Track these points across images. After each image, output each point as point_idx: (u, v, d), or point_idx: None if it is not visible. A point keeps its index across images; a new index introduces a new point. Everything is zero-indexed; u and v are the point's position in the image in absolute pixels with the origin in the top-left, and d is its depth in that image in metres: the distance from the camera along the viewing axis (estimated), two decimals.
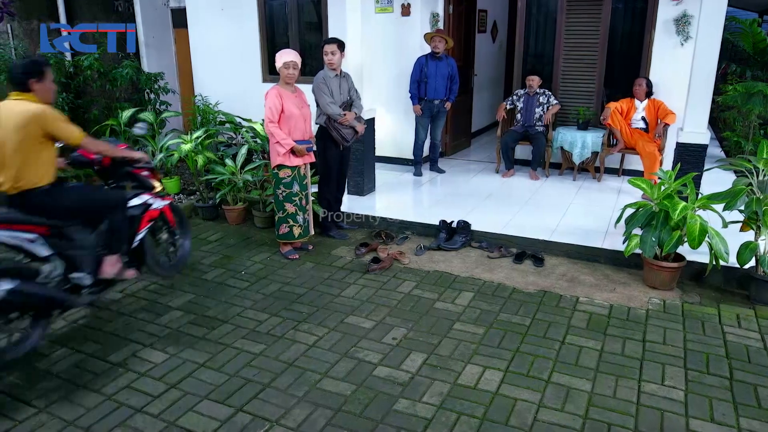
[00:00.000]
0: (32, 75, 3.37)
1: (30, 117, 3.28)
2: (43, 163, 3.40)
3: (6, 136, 3.30)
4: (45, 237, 3.41)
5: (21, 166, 3.33)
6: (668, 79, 6.49)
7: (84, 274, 3.59)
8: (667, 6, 6.33)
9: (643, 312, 4.02)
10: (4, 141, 3.31)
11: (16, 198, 3.39)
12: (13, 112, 3.31)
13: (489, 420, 2.90)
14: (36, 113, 3.29)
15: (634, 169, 7.00)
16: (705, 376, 3.28)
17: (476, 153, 8.67)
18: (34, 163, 3.36)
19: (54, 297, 3.43)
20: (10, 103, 3.37)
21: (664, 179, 4.37)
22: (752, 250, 4.02)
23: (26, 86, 3.37)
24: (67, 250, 3.53)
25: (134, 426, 2.89)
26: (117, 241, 3.78)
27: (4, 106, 3.37)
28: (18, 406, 3.05)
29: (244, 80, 7.90)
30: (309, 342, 3.65)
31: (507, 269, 4.73)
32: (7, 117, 3.31)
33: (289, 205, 4.87)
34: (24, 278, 3.26)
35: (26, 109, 3.29)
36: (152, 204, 4.10)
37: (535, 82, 6.99)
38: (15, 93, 3.40)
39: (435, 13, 7.41)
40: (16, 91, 3.39)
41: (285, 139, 4.64)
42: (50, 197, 3.46)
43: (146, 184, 4.19)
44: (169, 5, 8.97)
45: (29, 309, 3.37)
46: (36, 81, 3.38)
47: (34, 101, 3.37)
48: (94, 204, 3.74)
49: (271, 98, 4.59)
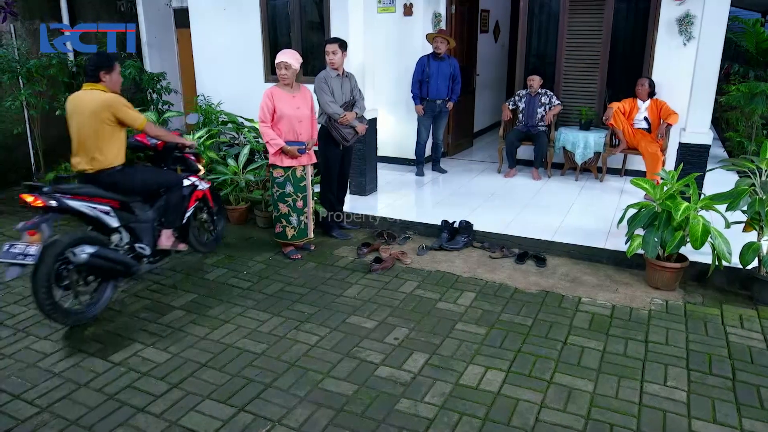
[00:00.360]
0: (103, 68, 3.91)
1: (102, 104, 3.81)
2: (115, 146, 3.93)
3: (82, 122, 3.84)
4: (116, 210, 3.98)
5: (96, 149, 3.86)
6: (671, 80, 6.48)
7: (145, 245, 4.17)
8: (670, 6, 6.32)
9: (646, 312, 4.01)
10: (81, 126, 3.85)
11: (91, 177, 3.93)
12: (87, 100, 3.85)
13: (491, 420, 2.90)
14: (107, 100, 3.83)
15: (637, 169, 6.99)
16: (707, 376, 3.27)
17: (478, 153, 8.67)
18: (107, 145, 3.89)
19: (125, 262, 3.98)
20: (84, 93, 3.91)
21: (667, 179, 4.36)
22: (755, 250, 4.01)
23: (97, 78, 3.90)
24: (131, 223, 4.13)
25: (136, 425, 2.89)
26: (173, 216, 4.38)
27: (79, 96, 3.91)
28: (20, 406, 3.05)
29: (246, 80, 7.90)
30: (311, 342, 3.65)
31: (509, 269, 4.73)
32: (82, 105, 3.85)
33: (282, 205, 4.86)
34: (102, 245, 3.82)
35: (98, 97, 3.83)
36: (198, 185, 4.72)
37: (535, 82, 6.99)
38: (87, 84, 3.93)
39: (437, 13, 7.40)
40: (88, 83, 3.92)
41: (274, 139, 4.64)
42: (122, 176, 4.01)
43: (193, 168, 4.77)
44: (172, 5, 8.98)
45: (103, 272, 3.88)
46: (105, 73, 3.92)
47: (104, 91, 3.89)
48: (157, 183, 4.31)
49: (263, 98, 4.63)
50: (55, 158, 7.29)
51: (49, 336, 3.75)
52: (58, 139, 7.64)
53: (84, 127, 3.83)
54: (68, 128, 3.95)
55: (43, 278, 3.50)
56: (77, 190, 3.84)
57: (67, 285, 3.71)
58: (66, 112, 3.96)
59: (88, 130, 3.83)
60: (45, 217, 3.64)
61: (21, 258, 3.44)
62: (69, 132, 3.95)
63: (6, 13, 6.84)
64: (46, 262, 3.50)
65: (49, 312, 3.59)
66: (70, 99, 3.97)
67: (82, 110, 3.84)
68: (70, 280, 3.71)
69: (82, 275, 3.78)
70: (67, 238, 3.65)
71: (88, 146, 3.86)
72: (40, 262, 3.48)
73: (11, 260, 3.45)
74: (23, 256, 3.44)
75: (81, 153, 3.89)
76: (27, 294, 4.35)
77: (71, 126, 3.91)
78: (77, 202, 3.77)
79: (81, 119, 3.83)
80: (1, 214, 6.31)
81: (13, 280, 3.54)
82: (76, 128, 3.88)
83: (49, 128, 7.39)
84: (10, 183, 7.36)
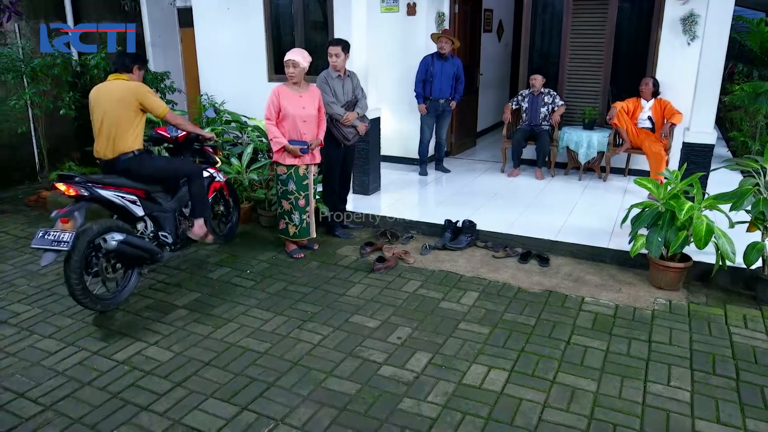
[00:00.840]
0: (137, 62, 4.22)
1: (129, 91, 4.04)
2: (134, 132, 4.08)
3: (107, 109, 4.02)
4: (141, 199, 4.16)
5: (117, 135, 4.02)
6: (675, 79, 6.46)
7: (167, 233, 4.37)
8: (674, 5, 6.30)
9: (649, 312, 4.00)
10: (104, 114, 4.02)
11: (110, 162, 4.08)
12: (113, 88, 4.07)
13: (494, 420, 2.90)
14: (134, 87, 4.07)
15: (640, 168, 6.98)
16: (711, 376, 3.27)
17: (481, 152, 8.66)
18: (126, 131, 4.04)
19: (151, 249, 4.15)
20: (109, 83, 4.13)
21: (671, 179, 4.35)
22: (759, 250, 3.99)
23: (129, 69, 4.16)
24: (155, 212, 4.30)
25: (140, 424, 2.90)
26: (201, 206, 4.52)
27: (104, 86, 4.12)
28: (24, 404, 3.06)
29: (250, 79, 7.91)
30: (314, 341, 3.66)
31: (512, 269, 4.73)
32: (108, 92, 4.06)
33: (285, 202, 4.88)
34: (129, 233, 3.99)
35: (125, 84, 4.08)
36: (216, 177, 4.89)
37: (538, 81, 6.98)
38: (114, 75, 4.15)
39: (441, 13, 7.40)
40: (117, 73, 4.14)
41: (277, 137, 4.66)
42: (136, 162, 4.11)
43: (212, 160, 4.93)
44: (176, 5, 8.99)
45: (130, 260, 4.06)
46: (138, 68, 4.22)
47: (131, 80, 4.13)
48: (175, 172, 4.40)
49: (270, 96, 4.67)
50: (59, 157, 7.31)
51: (53, 334, 3.77)
52: (62, 138, 7.70)
53: (109, 115, 4.01)
54: (91, 118, 4.11)
55: (76, 265, 3.67)
56: (106, 180, 4.02)
57: (96, 272, 3.90)
58: (90, 102, 4.11)
59: (112, 117, 4.01)
60: (77, 205, 3.80)
61: (55, 244, 3.59)
62: (91, 121, 4.11)
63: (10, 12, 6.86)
64: (79, 248, 3.66)
65: (80, 298, 3.77)
66: (94, 90, 4.14)
67: (108, 98, 4.03)
68: (99, 267, 3.91)
69: (110, 263, 3.99)
70: (98, 226, 3.82)
71: (111, 133, 4.03)
72: (73, 248, 3.62)
73: (47, 246, 3.60)
74: (57, 243, 3.59)
75: (103, 140, 4.06)
76: (31, 293, 4.37)
77: (95, 114, 4.08)
78: (107, 192, 3.96)
79: (106, 106, 4.02)
80: (5, 213, 6.33)
81: (48, 265, 3.73)
82: (100, 116, 4.04)
83: (53, 127, 7.42)
84: (14, 182, 7.40)
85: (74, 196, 3.81)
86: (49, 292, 4.37)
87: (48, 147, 7.13)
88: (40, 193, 6.53)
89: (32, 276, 4.66)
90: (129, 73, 4.17)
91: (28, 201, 6.61)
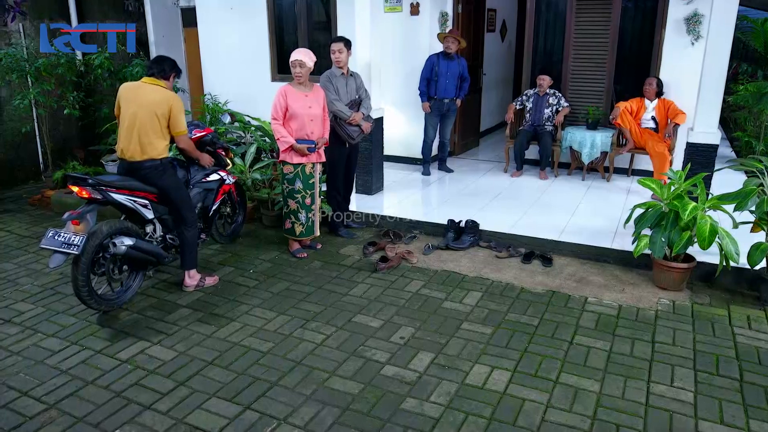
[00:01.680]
0: (174, 70, 4.17)
1: (165, 99, 3.99)
2: (160, 141, 4.03)
3: (139, 112, 3.94)
4: (153, 203, 4.14)
5: (144, 140, 3.96)
6: (679, 79, 6.44)
7: (175, 236, 4.33)
8: (678, 5, 6.29)
9: (653, 313, 3.99)
10: (135, 115, 3.94)
11: (136, 165, 4.02)
12: (149, 92, 4.00)
13: (497, 420, 2.90)
14: (171, 98, 4.03)
15: (644, 169, 6.96)
16: (714, 377, 3.26)
17: (485, 152, 8.65)
18: (154, 138, 3.99)
19: (159, 253, 4.16)
20: (147, 85, 4.05)
21: (674, 179, 4.34)
22: (763, 251, 3.98)
23: (167, 76, 4.11)
24: (164, 215, 4.26)
25: (143, 423, 2.91)
26: (191, 256, 4.36)
27: (142, 87, 4.04)
28: (28, 402, 3.07)
29: (253, 79, 7.92)
30: (317, 341, 3.66)
31: (515, 269, 4.72)
32: (144, 95, 3.99)
33: (292, 201, 4.88)
34: (138, 237, 4.00)
35: (165, 93, 4.03)
36: (226, 180, 4.89)
37: (545, 81, 6.97)
38: (150, 78, 4.07)
39: (444, 12, 7.40)
40: (153, 77, 4.06)
41: (285, 137, 4.67)
42: (158, 172, 4.07)
43: (223, 163, 4.93)
44: (179, 4, 9.01)
45: (137, 263, 4.07)
46: (174, 75, 4.18)
47: (166, 88, 4.09)
48: (179, 204, 4.22)
49: (276, 96, 4.67)
50: (63, 157, 7.33)
51: (56, 333, 3.78)
52: (66, 138, 7.73)
53: (140, 117, 3.94)
54: (117, 113, 4.07)
55: (84, 267, 3.66)
56: (119, 183, 3.98)
57: (102, 272, 3.90)
58: (119, 98, 4.05)
59: (144, 121, 3.94)
60: (89, 207, 3.78)
61: (65, 247, 3.56)
62: (118, 117, 4.07)
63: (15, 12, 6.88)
64: (88, 251, 3.65)
65: (85, 298, 3.76)
66: (127, 88, 4.07)
67: (142, 100, 3.96)
68: (106, 268, 3.89)
69: (117, 265, 3.96)
70: (107, 228, 3.80)
71: (140, 136, 3.96)
72: (83, 251, 3.61)
73: (56, 248, 3.56)
74: (68, 245, 3.56)
75: (132, 141, 3.97)
76: (35, 291, 4.39)
77: (125, 112, 3.99)
78: (120, 196, 3.95)
79: (138, 109, 3.94)
80: (9, 213, 6.34)
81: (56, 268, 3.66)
82: (130, 116, 3.96)
83: (57, 127, 7.44)
84: (18, 181, 7.42)
85: (87, 198, 3.81)
86: (53, 291, 4.39)
87: (52, 147, 7.15)
88: (44, 192, 6.55)
89: (36, 275, 4.68)
90: (166, 80, 4.11)
91: (32, 200, 6.63)
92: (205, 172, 4.70)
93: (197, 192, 4.60)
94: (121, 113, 4.04)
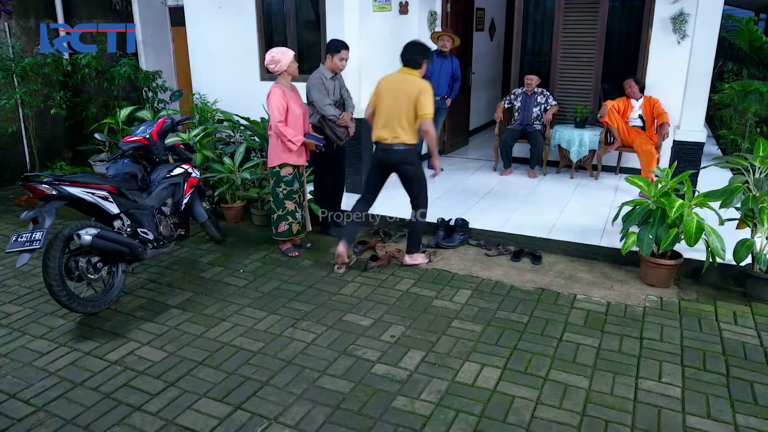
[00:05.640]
0: (425, 56, 4.34)
1: (421, 89, 4.22)
2: (411, 126, 4.31)
3: (402, 99, 4.24)
4: (113, 195, 4.06)
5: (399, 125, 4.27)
6: (665, 77, 6.50)
7: (147, 230, 4.31)
8: (664, 4, 6.34)
9: (641, 309, 4.03)
10: (398, 102, 4.25)
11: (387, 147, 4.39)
12: (409, 82, 4.27)
13: (487, 417, 2.91)
14: (425, 87, 4.24)
15: (632, 167, 7.01)
16: (702, 372, 3.29)
17: (474, 151, 8.68)
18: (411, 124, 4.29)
19: (129, 243, 4.08)
20: (407, 75, 4.33)
21: (661, 177, 4.38)
22: (748, 247, 4.03)
23: (419, 65, 4.30)
24: (131, 209, 4.22)
25: (133, 424, 2.89)
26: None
27: (402, 77, 4.34)
28: (16, 405, 3.05)
29: (242, 78, 7.87)
30: (307, 340, 3.66)
31: (505, 267, 4.74)
32: (404, 85, 4.28)
33: (290, 202, 4.88)
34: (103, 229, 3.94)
35: (420, 82, 4.27)
36: (191, 173, 4.85)
37: (533, 81, 7.00)
38: (406, 69, 4.35)
39: (433, 12, 7.41)
40: (408, 68, 4.34)
41: (295, 136, 4.65)
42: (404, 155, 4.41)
43: (184, 156, 4.92)
44: (167, 4, 8.94)
45: (109, 255, 4.01)
46: (426, 61, 4.35)
47: (419, 77, 4.31)
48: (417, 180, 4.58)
49: (277, 98, 4.56)
50: (51, 157, 7.27)
51: (44, 335, 3.75)
52: (53, 138, 7.66)
53: (401, 104, 4.23)
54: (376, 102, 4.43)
55: (54, 271, 3.64)
56: (74, 178, 3.95)
57: (78, 276, 3.87)
58: (380, 88, 4.41)
59: (400, 109, 4.25)
60: (47, 206, 3.78)
61: (28, 244, 3.60)
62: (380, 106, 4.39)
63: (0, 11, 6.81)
64: (54, 253, 3.65)
65: (66, 303, 3.74)
66: (386, 78, 4.44)
67: (404, 90, 4.25)
68: (80, 270, 3.86)
69: (90, 263, 3.90)
70: (73, 225, 3.81)
71: (395, 121, 4.28)
72: (49, 253, 3.64)
73: (21, 248, 3.62)
74: (30, 243, 3.61)
75: (387, 126, 4.33)
76: (22, 293, 4.35)
77: (384, 100, 4.35)
78: (75, 189, 3.87)
79: (398, 96, 4.24)
80: None
81: (23, 266, 3.71)
82: (388, 104, 4.30)
83: (44, 127, 7.37)
84: (4, 182, 7.34)
85: (40, 195, 3.75)
86: (41, 292, 4.34)
87: (39, 147, 7.09)
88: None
89: (24, 276, 4.64)
90: (419, 69, 4.32)
91: (19, 201, 6.56)
92: (168, 168, 4.66)
93: (163, 188, 4.55)
94: (382, 102, 4.37)
